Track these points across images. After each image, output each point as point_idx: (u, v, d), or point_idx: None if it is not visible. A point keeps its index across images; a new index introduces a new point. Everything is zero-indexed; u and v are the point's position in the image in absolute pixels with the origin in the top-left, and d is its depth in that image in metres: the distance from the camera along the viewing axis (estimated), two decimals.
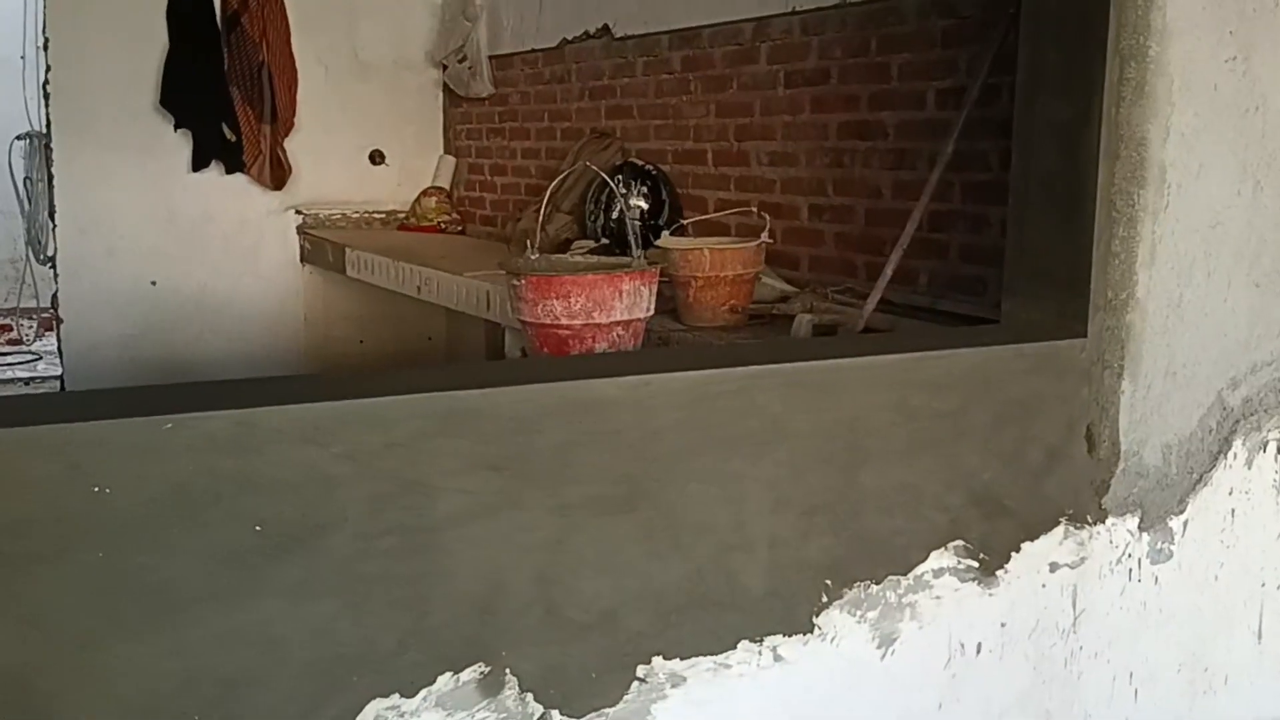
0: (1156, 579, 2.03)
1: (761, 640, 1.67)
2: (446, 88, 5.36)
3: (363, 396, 1.40)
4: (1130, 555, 2.00)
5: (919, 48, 2.91)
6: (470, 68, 5.05)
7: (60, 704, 1.28)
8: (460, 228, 5.26)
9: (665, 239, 2.91)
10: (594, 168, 2.78)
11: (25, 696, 1.26)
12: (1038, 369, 1.85)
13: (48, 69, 4.76)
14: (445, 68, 5.26)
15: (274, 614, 1.35)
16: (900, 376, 1.73)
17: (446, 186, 5.38)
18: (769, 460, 1.64)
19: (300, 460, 1.35)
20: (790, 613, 1.69)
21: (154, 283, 4.95)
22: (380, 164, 5.41)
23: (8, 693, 1.25)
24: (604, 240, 3.73)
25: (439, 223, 5.23)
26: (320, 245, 5.03)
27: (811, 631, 1.70)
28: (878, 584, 1.75)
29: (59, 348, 4.93)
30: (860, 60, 3.09)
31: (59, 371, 5.07)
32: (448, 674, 1.46)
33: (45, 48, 4.77)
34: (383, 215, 5.38)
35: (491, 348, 4.10)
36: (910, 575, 1.78)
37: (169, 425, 1.26)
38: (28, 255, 6.79)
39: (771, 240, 2.85)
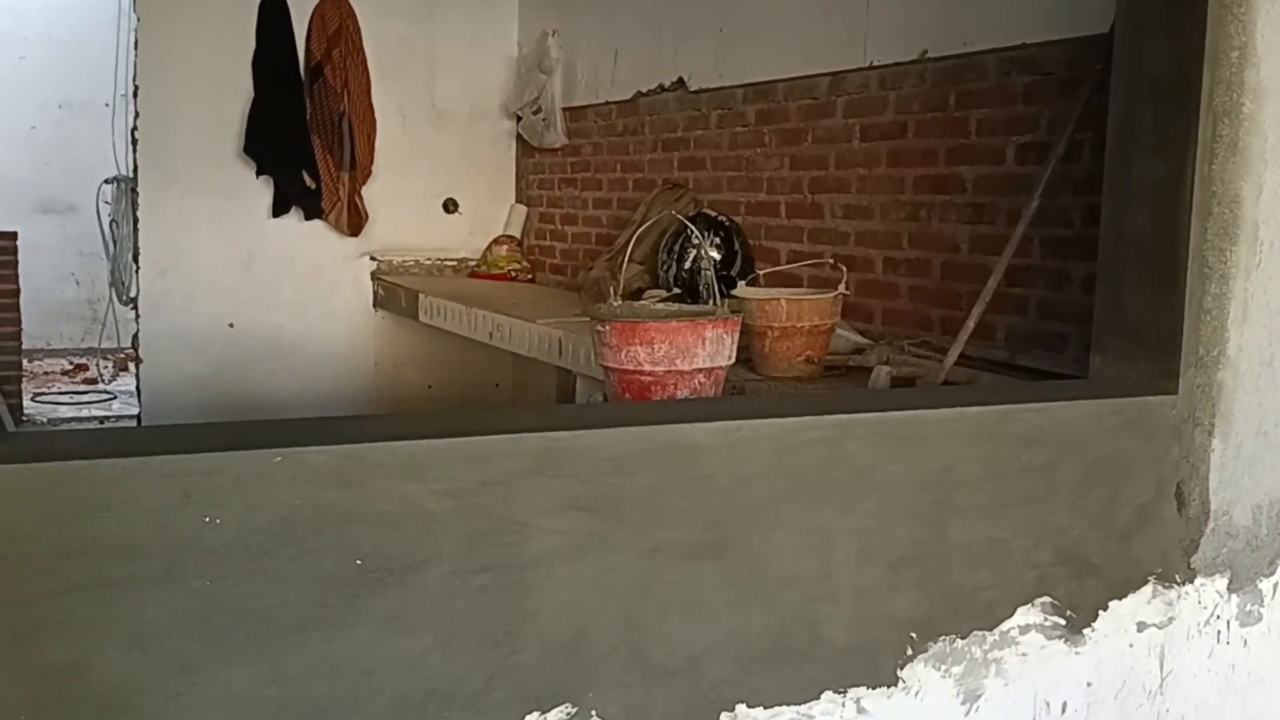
0: (1245, 641, 1.99)
1: (845, 692, 1.65)
2: (520, 138, 5.46)
3: (462, 435, 1.42)
4: (1219, 617, 1.96)
5: (999, 103, 2.92)
6: (544, 119, 5.14)
7: None
8: (530, 276, 5.33)
9: (742, 289, 2.92)
10: (680, 217, 2.81)
11: (126, 716, 1.29)
12: (1128, 426, 1.83)
13: (136, 115, 4.93)
14: (519, 119, 5.36)
15: (369, 645, 1.37)
16: (990, 429, 1.72)
17: (518, 235, 5.46)
18: (857, 511, 1.63)
19: (400, 495, 1.38)
20: (874, 665, 1.67)
21: (231, 324, 5.06)
22: (453, 212, 5.51)
23: (110, 712, 1.28)
24: (675, 290, 3.75)
25: (509, 271, 5.30)
26: (393, 291, 5.12)
27: (896, 685, 1.69)
28: (963, 639, 1.73)
29: (137, 386, 5.04)
30: (938, 115, 3.11)
31: (136, 410, 5.19)
32: (535, 714, 1.46)
33: (135, 95, 4.94)
34: (454, 262, 5.46)
35: (562, 394, 4.13)
36: (996, 631, 1.75)
37: (279, 458, 1.29)
38: (110, 296, 6.97)
39: (848, 292, 2.86)
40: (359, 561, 1.35)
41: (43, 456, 1.23)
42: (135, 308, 5.08)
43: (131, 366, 6.52)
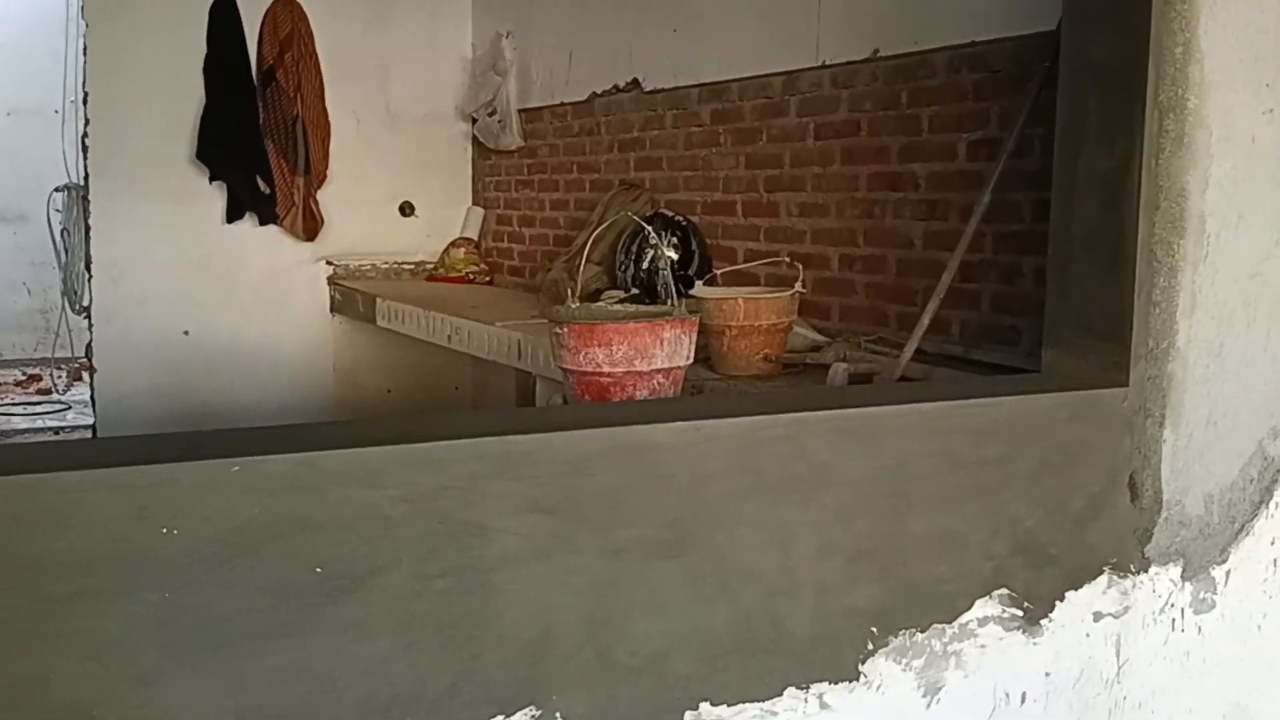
0: (1200, 629, 2.02)
1: (808, 688, 1.67)
2: (476, 140, 5.44)
3: (419, 440, 1.42)
4: (1173, 605, 1.99)
5: (950, 100, 2.95)
6: (500, 121, 5.13)
7: None
8: (488, 278, 5.32)
9: (699, 288, 2.93)
10: (636, 218, 2.82)
11: None
12: (1080, 418, 1.86)
13: (86, 122, 4.86)
14: (475, 121, 5.34)
15: (329, 652, 1.36)
16: (945, 424, 1.74)
17: (475, 237, 5.44)
18: (816, 506, 1.65)
19: (358, 502, 1.37)
20: (836, 660, 1.69)
21: (186, 332, 5.00)
22: (410, 215, 5.48)
23: None
24: (634, 290, 3.76)
25: (467, 273, 5.29)
26: (350, 295, 5.08)
27: (857, 679, 1.70)
28: (923, 632, 1.75)
29: (92, 396, 4.98)
30: (891, 112, 3.13)
31: (90, 420, 5.12)
32: (499, 717, 1.46)
33: (85, 101, 4.87)
34: (411, 266, 5.44)
35: (522, 396, 4.12)
36: (955, 623, 1.78)
37: (236, 467, 1.28)
38: (63, 305, 6.87)
39: (804, 290, 2.88)
40: (318, 569, 1.35)
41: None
42: (89, 317, 5.02)
43: (85, 376, 6.43)
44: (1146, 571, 1.94)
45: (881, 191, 3.16)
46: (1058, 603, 1.86)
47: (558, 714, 1.50)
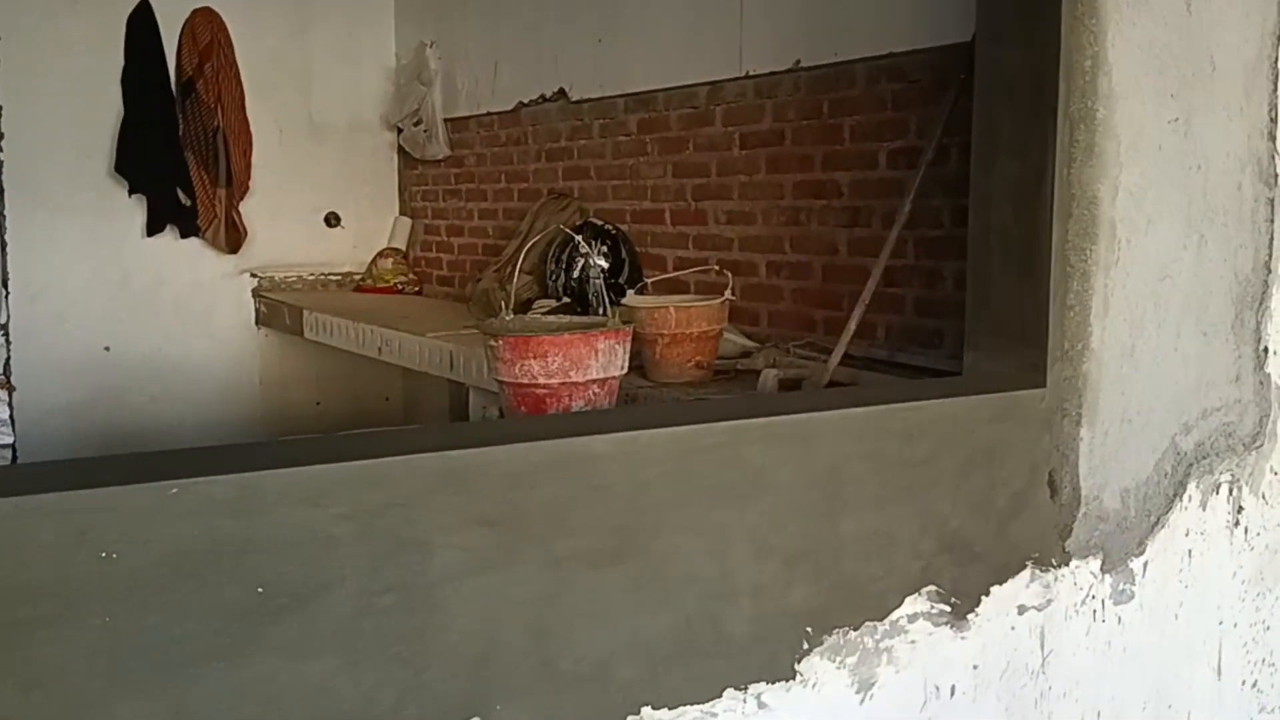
0: (1120, 619, 2.10)
1: (746, 688, 1.70)
2: (401, 150, 5.42)
3: (362, 458, 1.43)
4: (1094, 596, 2.07)
5: (870, 110, 3.03)
6: (425, 130, 5.12)
7: None
8: (417, 288, 5.30)
9: (631, 297, 2.97)
10: (566, 229, 2.84)
11: None
12: (1001, 418, 1.92)
13: (0, 135, 4.75)
14: (400, 130, 5.32)
15: (275, 672, 1.37)
16: (873, 427, 1.79)
17: (403, 248, 5.42)
18: (752, 510, 1.68)
19: (301, 521, 1.38)
20: (773, 660, 1.73)
21: (107, 348, 4.92)
22: (336, 226, 5.44)
23: None
24: (565, 299, 3.79)
25: (395, 284, 5.27)
26: (276, 308, 5.03)
27: (794, 678, 1.74)
28: (856, 630, 1.79)
29: (11, 415, 4.86)
30: (813, 122, 3.20)
31: (10, 440, 4.99)
32: None
33: None
34: (339, 277, 5.40)
35: (455, 408, 4.12)
36: (886, 621, 1.83)
37: (174, 490, 1.28)
38: None
39: (734, 297, 2.93)
40: (260, 590, 1.35)
41: None
42: (5, 335, 4.90)
43: (3, 394, 6.28)
44: (1067, 565, 2.02)
45: (806, 199, 3.23)
46: (983, 598, 1.93)
47: None
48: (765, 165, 3.36)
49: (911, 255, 2.87)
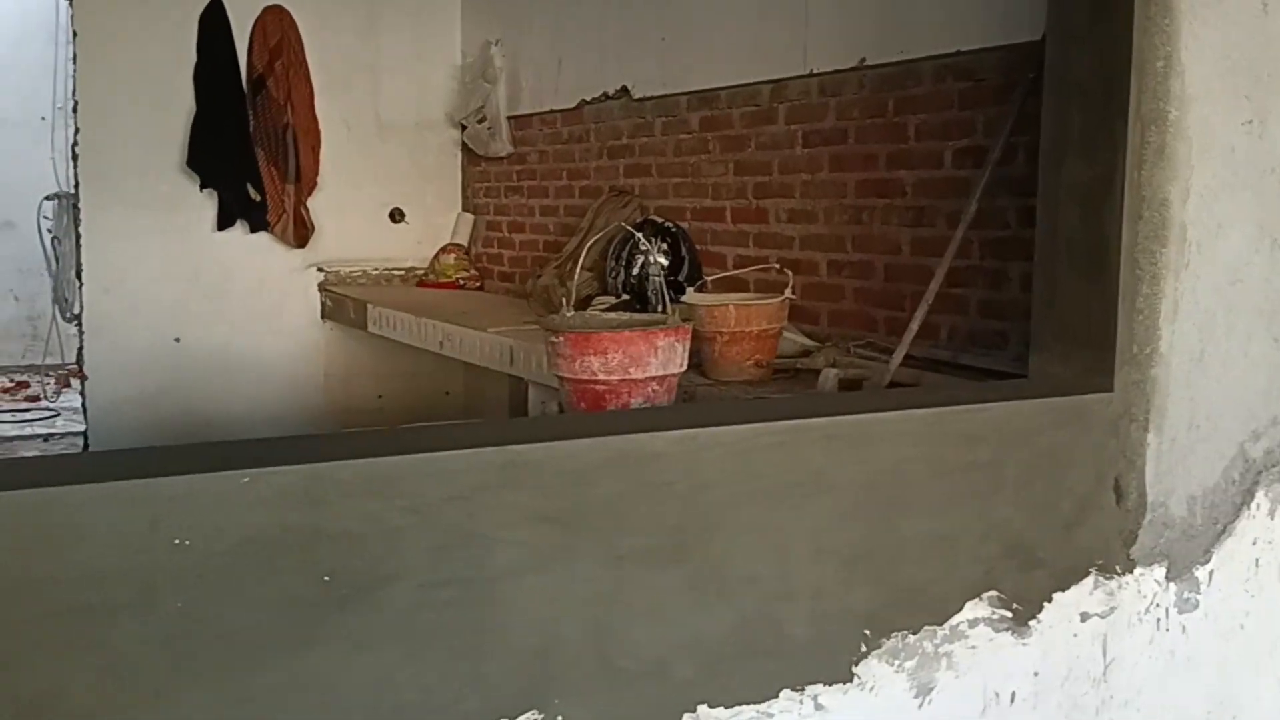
0: (1184, 628, 2.07)
1: (803, 689, 1.70)
2: (465, 147, 5.47)
3: (425, 450, 1.45)
4: (1158, 605, 2.04)
5: (936, 108, 3.00)
6: (489, 128, 5.16)
7: None
8: (478, 284, 5.35)
9: (690, 295, 2.97)
10: (628, 226, 2.85)
11: None
12: (1067, 422, 1.90)
13: (76, 130, 4.87)
14: (464, 128, 5.37)
15: (338, 662, 1.39)
16: (936, 429, 1.78)
17: (465, 244, 5.47)
18: (811, 511, 1.68)
19: (366, 512, 1.40)
20: (831, 662, 1.72)
21: (177, 340, 5.02)
22: (400, 222, 5.50)
23: None
24: (624, 296, 3.80)
25: (457, 279, 5.31)
26: (341, 302, 5.11)
27: (851, 680, 1.74)
28: (915, 634, 1.78)
29: (83, 404, 4.99)
30: (878, 120, 3.18)
31: (80, 428, 5.13)
32: None
33: (75, 110, 4.88)
34: (402, 272, 5.46)
35: (515, 402, 4.15)
36: (946, 625, 1.81)
37: (245, 479, 1.31)
38: (53, 313, 6.87)
39: (795, 296, 2.92)
40: (326, 579, 1.38)
41: (10, 485, 1.24)
42: (79, 325, 5.02)
43: (74, 383, 6.43)
44: (1132, 572, 1.99)
45: (869, 198, 3.20)
46: (1046, 604, 1.91)
47: (559, 718, 1.53)
48: (828, 164, 3.34)
49: (976, 256, 2.84)
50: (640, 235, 3.04)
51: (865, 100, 3.22)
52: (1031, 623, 1.90)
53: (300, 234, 5.17)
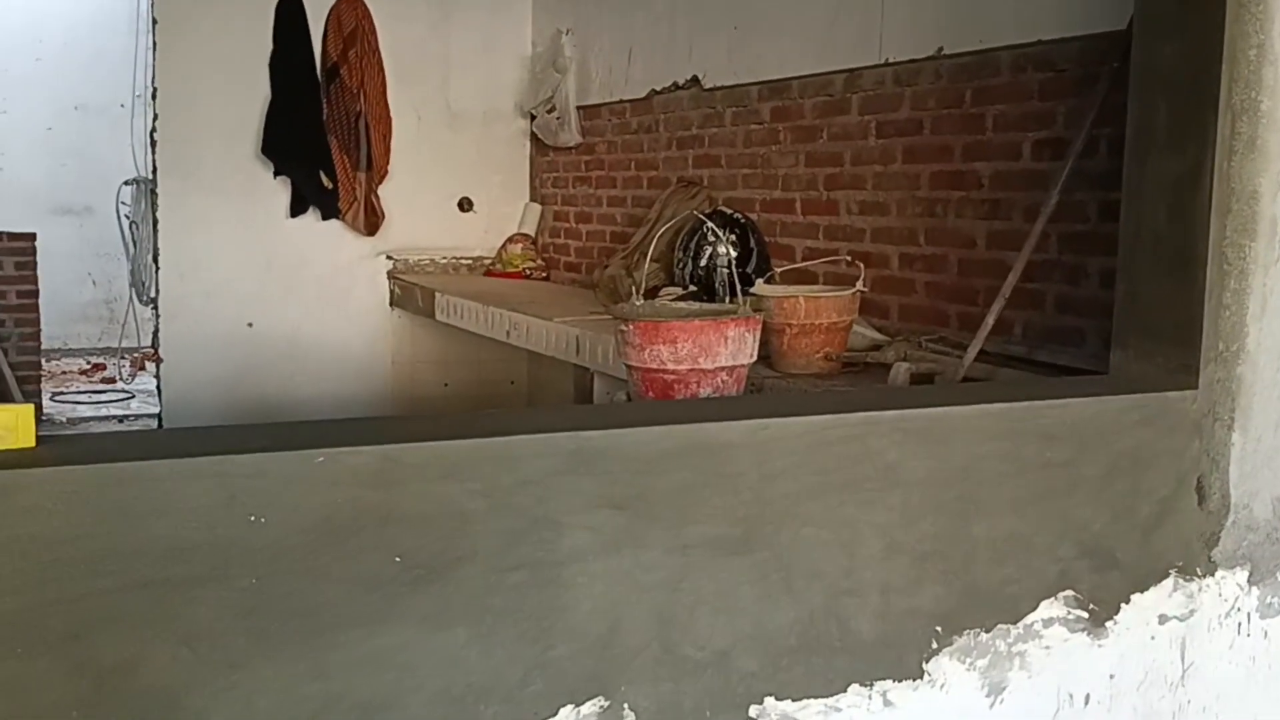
0: (1266, 633, 2.01)
1: (872, 685, 1.68)
2: (534, 137, 5.48)
3: (497, 435, 1.45)
4: (1239, 609, 1.98)
5: (1015, 99, 2.94)
6: (558, 118, 5.17)
7: None
8: (545, 274, 5.36)
9: (760, 286, 2.95)
10: (700, 215, 2.84)
11: (174, 713, 1.32)
12: (1149, 421, 1.85)
13: (155, 117, 4.97)
14: (534, 118, 5.38)
15: (409, 641, 1.40)
16: (1013, 426, 1.74)
17: (532, 234, 5.49)
18: (882, 506, 1.66)
19: (438, 495, 1.41)
20: (900, 659, 1.70)
21: (250, 325, 5.10)
22: (468, 211, 5.54)
23: (161, 710, 1.31)
24: (691, 287, 3.78)
25: (524, 269, 5.33)
26: (410, 290, 5.15)
27: (921, 678, 1.71)
28: (987, 632, 1.75)
29: (158, 386, 5.09)
30: (954, 111, 3.12)
31: (156, 409, 5.23)
32: (569, 706, 1.49)
33: (154, 97, 4.98)
34: (470, 261, 5.50)
35: (580, 392, 4.16)
36: (1020, 624, 1.78)
37: (320, 459, 1.32)
38: (131, 296, 7.02)
39: (866, 289, 2.88)
40: (398, 559, 1.38)
41: (94, 459, 1.26)
42: (155, 308, 5.13)
43: (149, 366, 6.57)
44: (1213, 575, 1.94)
45: (944, 190, 3.15)
46: (1123, 605, 1.86)
47: (625, 705, 1.53)
48: (901, 155, 3.30)
49: (1054, 250, 2.78)
50: (711, 225, 3.02)
51: (942, 90, 3.17)
52: (1108, 624, 1.85)
53: (371, 222, 5.22)
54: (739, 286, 2.93)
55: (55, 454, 1.26)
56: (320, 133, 5.07)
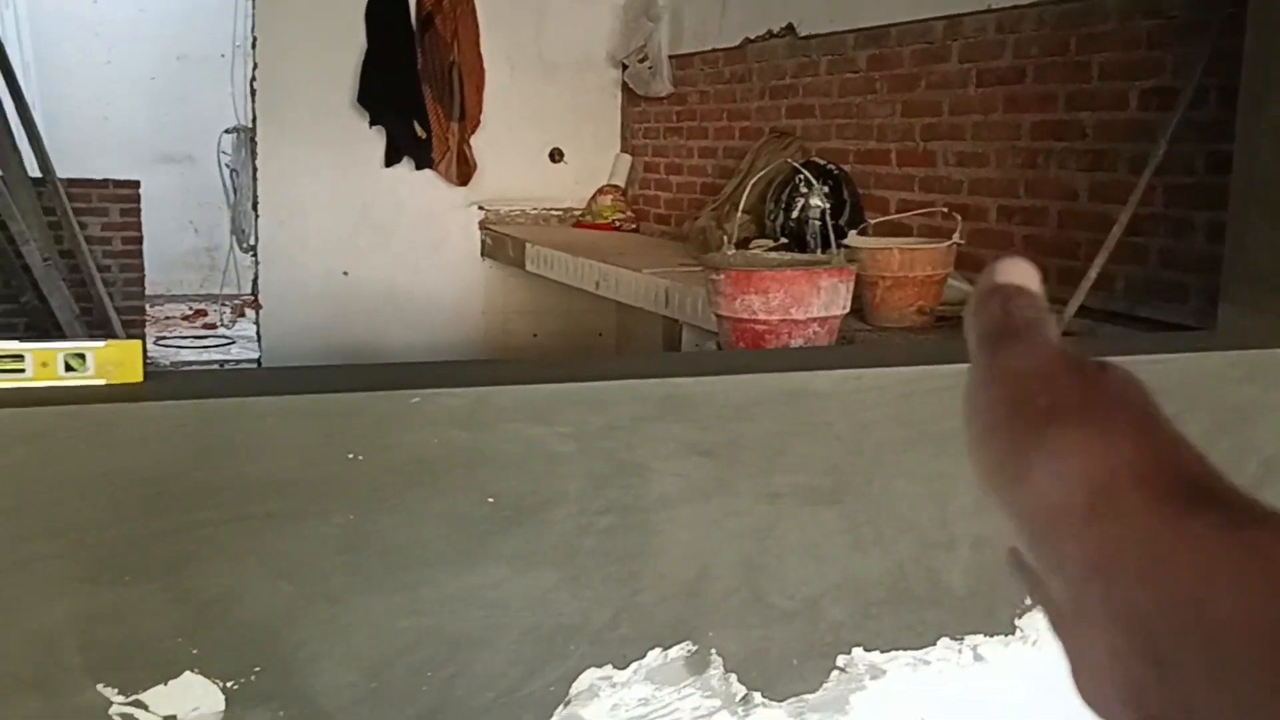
0: None
1: (962, 639, 1.67)
2: (626, 87, 5.46)
3: (587, 380, 1.46)
4: None
5: (1121, 47, 2.84)
6: (650, 67, 5.13)
7: (302, 653, 1.38)
8: (634, 226, 5.35)
9: (853, 238, 2.91)
10: (795, 164, 2.80)
11: (274, 644, 1.37)
12: (1256, 376, 1.79)
13: (255, 66, 5.05)
14: (625, 67, 5.35)
15: (500, 580, 1.42)
16: None
17: (622, 185, 5.48)
18: None
19: (528, 437, 1.42)
20: (991, 613, 1.68)
21: (345, 273, 5.19)
22: (559, 162, 5.54)
23: (260, 640, 1.36)
24: (782, 239, 3.75)
25: (613, 220, 5.33)
26: (501, 240, 5.19)
27: (1013, 633, 1.69)
28: None
29: (257, 332, 5.22)
30: (1058, 59, 3.03)
31: (255, 355, 5.37)
32: (657, 649, 1.51)
33: (253, 46, 5.06)
34: (560, 212, 5.51)
35: (668, 344, 4.16)
36: None
37: (416, 399, 1.34)
38: (231, 243, 7.19)
39: (963, 241, 2.82)
40: (490, 500, 1.40)
41: (198, 394, 1.30)
42: (255, 255, 5.24)
43: (248, 312, 6.74)
44: None
45: (1045, 141, 3.07)
46: None
47: (713, 650, 1.54)
48: (1002, 104, 3.21)
49: (1159, 203, 2.70)
50: (806, 174, 2.98)
51: (1045, 38, 3.07)
52: None
53: (463, 172, 5.26)
54: (824, 239, 2.90)
55: (162, 389, 1.30)
56: (415, 82, 5.11)
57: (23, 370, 1.27)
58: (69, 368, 1.27)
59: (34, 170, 5.39)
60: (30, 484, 1.25)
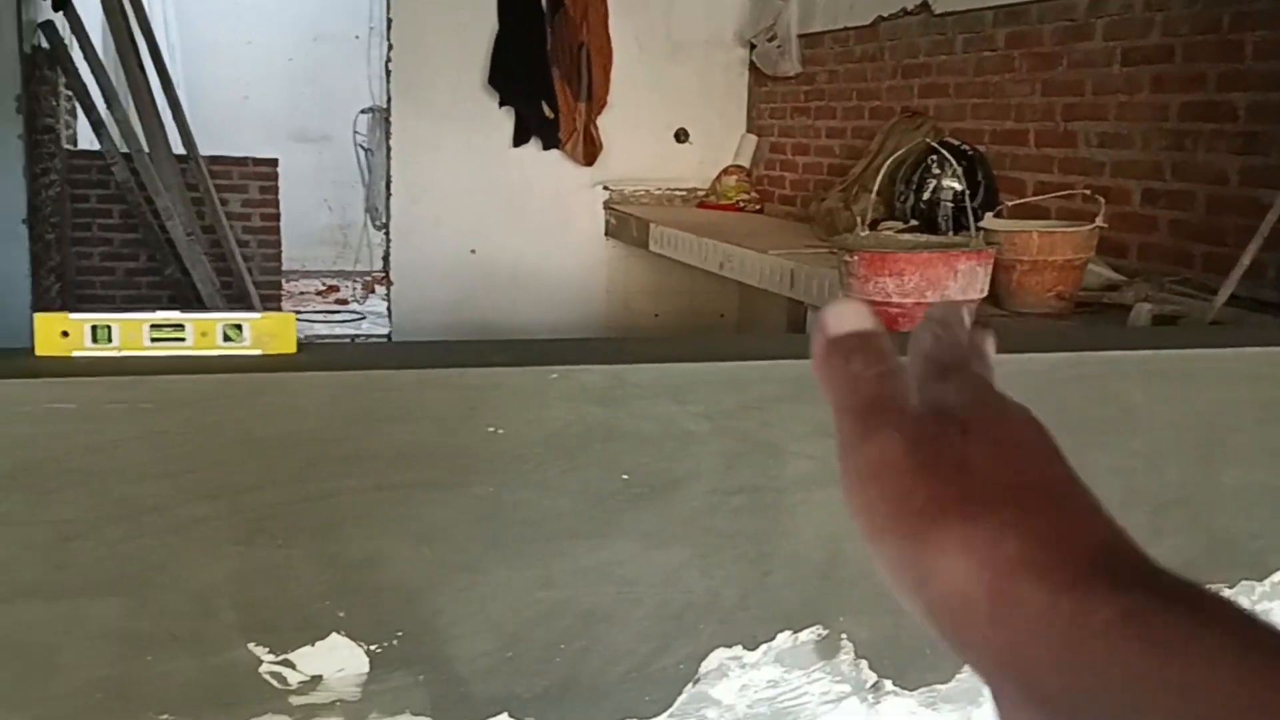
0: None
1: None
2: (753, 66, 5.42)
3: (721, 359, 1.46)
4: None
5: (1277, 25, 2.71)
6: (779, 46, 5.08)
7: (441, 620, 1.41)
8: (759, 207, 5.32)
9: (989, 220, 2.84)
10: (932, 143, 2.75)
11: (412, 609, 1.40)
12: None
13: (390, 47, 5.16)
14: (754, 46, 5.31)
15: (632, 557, 1.43)
16: (1269, 371, 1.63)
17: (747, 165, 5.45)
18: (1122, 451, 1.58)
19: (662, 415, 1.43)
20: None
21: (473, 251, 5.28)
22: (685, 142, 5.54)
23: (400, 604, 1.40)
24: (913, 222, 3.68)
25: (738, 201, 5.31)
26: (625, 220, 5.21)
27: None
28: (1231, 588, 1.66)
29: (388, 309, 5.35)
30: (1209, 37, 2.91)
31: (386, 330, 5.51)
32: (787, 632, 1.50)
33: (389, 28, 5.17)
34: (684, 193, 5.51)
35: (792, 326, 4.13)
36: (1266, 582, 1.68)
37: (554, 375, 1.36)
38: (365, 221, 7.38)
39: (1105, 225, 2.74)
40: (625, 477, 1.42)
41: (349, 365, 1.34)
42: (387, 233, 5.37)
43: (379, 289, 6.91)
44: None
45: (1194, 122, 2.95)
46: None
47: (843, 636, 1.52)
48: (1149, 84, 3.10)
49: None
50: (943, 152, 2.92)
51: (1196, 16, 2.95)
52: None
53: (589, 152, 5.29)
54: (957, 221, 2.84)
55: (314, 360, 1.34)
56: (544, 63, 5.16)
57: (183, 339, 1.33)
58: (227, 338, 1.32)
59: (178, 148, 5.60)
60: (191, 448, 1.31)
